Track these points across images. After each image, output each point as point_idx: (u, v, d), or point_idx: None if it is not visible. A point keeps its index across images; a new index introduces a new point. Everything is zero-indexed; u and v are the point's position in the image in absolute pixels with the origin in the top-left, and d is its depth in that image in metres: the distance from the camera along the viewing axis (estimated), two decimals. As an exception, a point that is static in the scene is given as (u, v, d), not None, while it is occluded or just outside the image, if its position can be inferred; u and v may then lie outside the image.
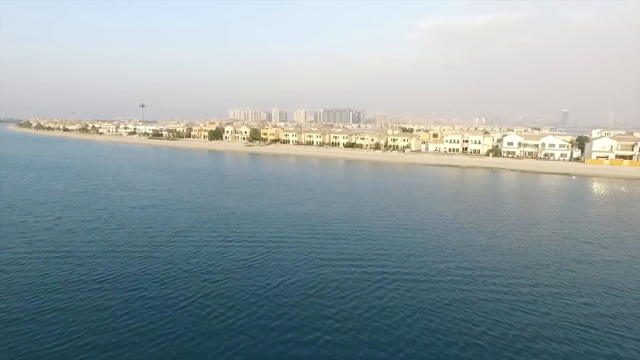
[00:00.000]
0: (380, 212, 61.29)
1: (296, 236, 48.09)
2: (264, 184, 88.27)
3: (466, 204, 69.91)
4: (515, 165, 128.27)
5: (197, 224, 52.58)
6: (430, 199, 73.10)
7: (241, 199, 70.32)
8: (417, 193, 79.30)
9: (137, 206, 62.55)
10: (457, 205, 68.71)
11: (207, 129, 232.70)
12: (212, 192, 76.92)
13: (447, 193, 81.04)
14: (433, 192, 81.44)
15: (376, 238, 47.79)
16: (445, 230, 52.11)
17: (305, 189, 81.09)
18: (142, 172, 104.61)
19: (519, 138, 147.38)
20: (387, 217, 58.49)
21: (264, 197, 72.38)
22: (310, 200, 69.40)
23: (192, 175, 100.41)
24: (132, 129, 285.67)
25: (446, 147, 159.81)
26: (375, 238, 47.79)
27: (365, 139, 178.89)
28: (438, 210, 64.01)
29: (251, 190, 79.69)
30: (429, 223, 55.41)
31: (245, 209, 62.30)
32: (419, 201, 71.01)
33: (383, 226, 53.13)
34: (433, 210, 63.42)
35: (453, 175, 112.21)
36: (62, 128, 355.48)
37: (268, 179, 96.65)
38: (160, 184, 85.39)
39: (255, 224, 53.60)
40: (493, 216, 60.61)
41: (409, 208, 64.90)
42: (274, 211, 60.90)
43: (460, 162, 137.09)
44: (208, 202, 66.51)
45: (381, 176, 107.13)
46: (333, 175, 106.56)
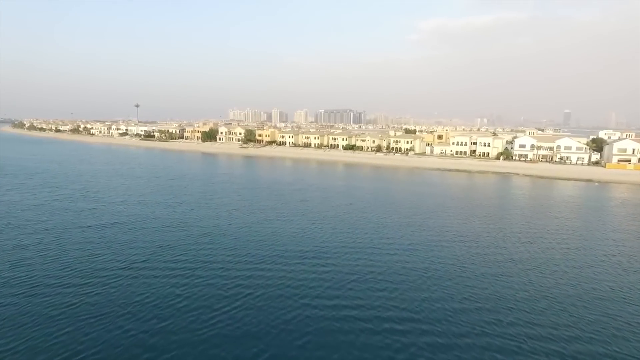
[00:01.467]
0: (385, 232, 50.99)
1: (281, 268, 37.83)
2: (252, 194, 78.00)
3: (484, 220, 59.56)
4: (529, 169, 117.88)
5: (159, 251, 42.30)
6: (441, 213, 62.79)
7: (222, 214, 60.05)
8: (426, 205, 69.02)
9: (94, 225, 52.23)
10: (474, 222, 58.35)
11: (200, 129, 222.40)
12: (191, 204, 66.68)
13: (460, 205, 70.72)
14: (443, 203, 71.13)
15: (382, 272, 37.49)
16: (466, 258, 41.80)
17: (298, 201, 70.82)
18: (119, 179, 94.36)
19: (532, 140, 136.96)
20: (395, 239, 48.19)
21: (249, 211, 62.12)
22: (304, 216, 59.11)
23: (174, 182, 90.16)
24: (124, 129, 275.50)
25: (453, 150, 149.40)
26: (381, 272, 37.50)
27: (366, 140, 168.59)
28: (452, 229, 53.67)
29: (236, 201, 69.45)
30: (445, 247, 45.12)
31: (224, 228, 52.03)
32: (428, 216, 60.69)
33: (389, 253, 42.85)
34: (446, 229, 53.10)
35: (463, 182, 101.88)
36: (54, 129, 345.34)
37: (258, 187, 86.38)
38: (135, 193, 75.14)
39: (232, 249, 43.36)
40: (520, 236, 50.23)
41: (418, 226, 54.59)
42: (259, 231, 50.63)
43: (469, 166, 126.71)
44: (182, 219, 56.24)
45: (384, 184, 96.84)
46: (331, 182, 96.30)
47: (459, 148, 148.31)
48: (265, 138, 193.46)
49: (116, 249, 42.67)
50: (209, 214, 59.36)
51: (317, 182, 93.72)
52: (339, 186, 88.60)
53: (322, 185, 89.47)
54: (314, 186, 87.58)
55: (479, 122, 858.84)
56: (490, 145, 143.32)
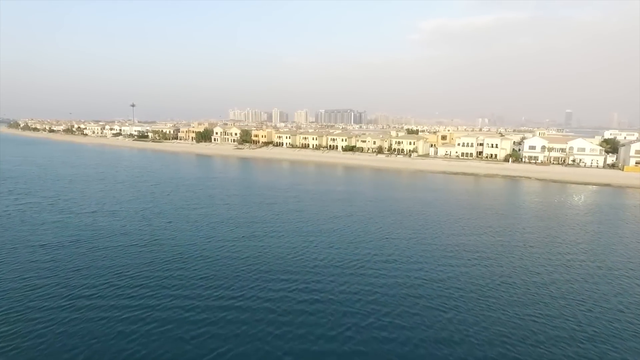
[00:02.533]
0: (389, 252, 43.35)
1: (264, 306, 30.23)
2: (242, 202, 70.37)
3: (500, 233, 51.90)
4: (541, 173, 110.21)
5: (115, 280, 34.69)
6: (451, 226, 55.11)
7: (203, 228, 52.41)
8: (433, 216, 61.37)
9: (49, 243, 44.58)
10: (489, 236, 50.67)
11: (195, 130, 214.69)
12: (170, 215, 59.05)
13: (471, 216, 63.06)
14: (453, 214, 63.50)
15: (386, 306, 29.88)
16: (486, 283, 34.14)
17: (292, 211, 63.18)
18: (99, 184, 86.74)
19: (543, 141, 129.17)
20: (401, 260, 40.57)
21: (235, 224, 54.49)
22: (297, 231, 51.47)
23: (157, 188, 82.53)
24: (118, 130, 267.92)
25: (458, 151, 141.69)
26: (385, 306, 29.89)
27: (366, 141, 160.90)
28: (465, 245, 46.02)
29: (222, 212, 61.83)
30: (460, 271, 37.45)
31: (201, 247, 44.42)
32: (437, 230, 53.04)
33: (395, 279, 35.21)
34: (459, 247, 45.44)
35: (471, 188, 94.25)
36: (47, 129, 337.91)
37: (249, 193, 78.77)
38: (110, 202, 67.54)
39: (206, 277, 35.78)
40: (544, 254, 42.57)
41: (427, 243, 46.96)
42: (242, 252, 43.02)
43: (476, 169, 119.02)
44: (155, 235, 48.64)
45: (386, 190, 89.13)
46: (329, 188, 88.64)
47: (465, 149, 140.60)
48: (262, 139, 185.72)
49: (63, 278, 35.02)
50: (187, 229, 51.70)
51: (314, 188, 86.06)
52: (337, 193, 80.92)
53: (319, 191, 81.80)
54: (311, 193, 79.93)
55: (480, 122, 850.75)
56: (498, 146, 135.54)
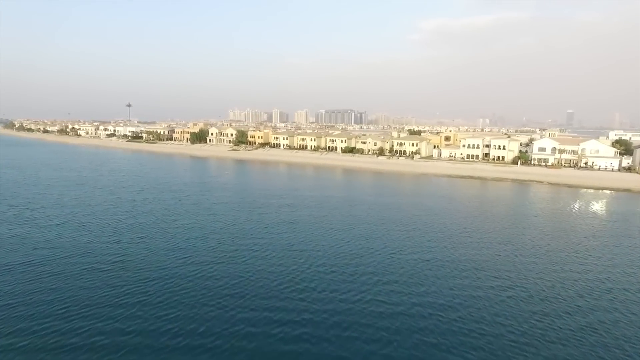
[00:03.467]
0: (397, 274, 36.63)
1: (240, 347, 23.59)
2: (229, 212, 63.65)
3: (519, 250, 45.17)
4: (554, 176, 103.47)
5: (66, 316, 28.01)
6: (464, 239, 48.41)
7: (179, 244, 45.72)
8: (444, 227, 54.66)
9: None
10: (507, 254, 43.95)
11: (189, 130, 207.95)
12: (146, 229, 52.36)
13: (485, 228, 56.35)
14: (464, 225, 56.77)
15: (393, 344, 23.20)
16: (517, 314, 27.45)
17: (285, 222, 56.48)
18: (77, 190, 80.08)
19: (554, 143, 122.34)
20: (411, 286, 33.85)
21: (217, 239, 47.81)
22: (288, 249, 44.79)
23: (139, 195, 75.88)
24: (112, 130, 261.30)
25: (463, 153, 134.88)
26: (391, 344, 23.22)
27: (367, 142, 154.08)
28: (486, 266, 39.30)
29: (205, 224, 55.16)
30: (479, 295, 30.74)
31: (172, 271, 37.73)
32: (450, 245, 46.33)
33: (401, 308, 28.50)
34: (477, 267, 38.74)
35: (480, 193, 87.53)
36: (42, 129, 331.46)
37: (239, 200, 72.09)
38: (83, 212, 60.86)
39: (173, 309, 29.12)
40: (574, 276, 35.86)
41: (440, 262, 40.25)
42: (219, 276, 36.36)
43: (483, 172, 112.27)
44: (123, 253, 41.96)
45: (389, 195, 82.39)
46: (327, 194, 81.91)
47: (470, 151, 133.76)
48: (258, 139, 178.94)
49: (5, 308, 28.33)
50: (160, 247, 44.93)
51: (311, 194, 79.31)
52: (335, 200, 74.14)
53: (315, 198, 75.07)
54: (307, 200, 73.21)
55: (481, 122, 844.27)
56: (506, 148, 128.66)
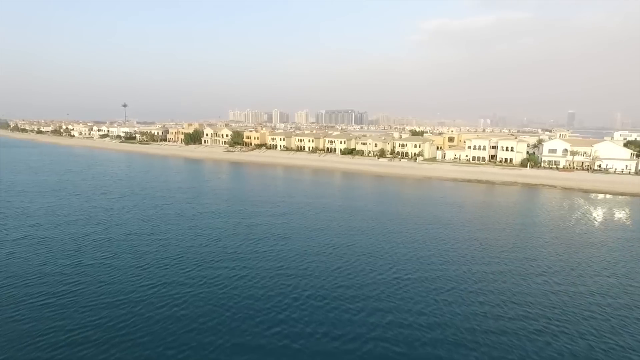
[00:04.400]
0: (407, 302, 29.78)
1: None
2: (214, 222, 56.87)
3: (546, 268, 38.27)
4: (567, 180, 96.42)
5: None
6: (480, 257, 41.54)
7: (148, 266, 38.93)
8: (456, 243, 47.81)
9: None
10: (531, 279, 37.07)
11: (183, 131, 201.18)
12: (113, 245, 45.61)
13: (502, 242, 49.51)
14: (479, 238, 49.93)
15: None
16: None
17: (275, 238, 49.66)
18: (51, 196, 73.35)
19: (565, 144, 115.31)
20: (422, 314, 27.01)
21: (195, 260, 40.99)
22: (279, 270, 37.98)
23: (118, 203, 69.17)
24: (106, 131, 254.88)
25: (468, 155, 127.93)
26: None
27: (367, 144, 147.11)
28: (506, 291, 32.43)
29: (185, 238, 48.41)
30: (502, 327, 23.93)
31: (142, 296, 30.97)
32: (466, 265, 39.46)
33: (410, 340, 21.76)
34: (495, 291, 31.88)
35: (490, 199, 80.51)
36: (36, 130, 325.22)
37: (228, 209, 65.28)
38: (47, 224, 54.06)
39: (135, 343, 22.36)
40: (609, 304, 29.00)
41: (458, 289, 33.38)
42: (194, 304, 29.56)
43: (491, 175, 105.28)
44: (82, 278, 35.20)
45: (392, 203, 75.47)
46: (324, 201, 75.11)
47: (476, 153, 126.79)
48: (254, 140, 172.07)
49: None
50: (128, 271, 38.08)
51: (306, 202, 72.49)
52: (334, 209, 67.18)
53: (312, 207, 68.21)
54: (302, 209, 66.35)
55: (482, 122, 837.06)
56: (514, 149, 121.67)
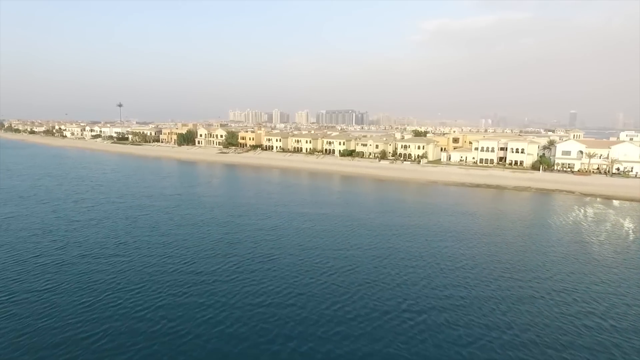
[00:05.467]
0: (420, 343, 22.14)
1: None
2: (192, 238, 49.30)
3: (583, 292, 30.55)
4: (585, 185, 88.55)
5: None
6: (506, 282, 33.79)
7: (105, 293, 31.25)
8: (473, 261, 40.07)
9: None
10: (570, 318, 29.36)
11: (176, 131, 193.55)
12: (68, 268, 38.01)
13: (529, 262, 41.79)
14: (501, 257, 42.19)
15: None
16: None
17: (261, 259, 42.00)
18: (14, 204, 65.85)
19: (580, 145, 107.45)
20: None
21: (159, 288, 33.31)
22: (261, 307, 30.31)
23: (88, 214, 61.66)
24: (98, 131, 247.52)
25: (475, 157, 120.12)
26: None
27: (368, 145, 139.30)
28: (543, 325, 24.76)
29: (153, 260, 40.87)
30: None
31: (90, 341, 23.28)
32: (486, 292, 31.73)
33: None
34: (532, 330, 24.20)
35: (505, 207, 72.71)
36: (28, 130, 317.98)
37: (210, 221, 57.66)
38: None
39: None
40: None
41: (477, 325, 25.68)
42: (153, 344, 21.86)
43: (501, 179, 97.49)
44: (20, 310, 27.55)
45: (397, 213, 67.66)
46: (320, 211, 67.49)
47: (484, 155, 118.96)
48: (249, 141, 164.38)
49: None
50: (76, 301, 30.41)
51: (301, 212, 64.82)
52: (331, 221, 59.39)
53: (306, 218, 60.50)
54: (295, 221, 58.65)
55: (484, 122, 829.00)
56: (525, 151, 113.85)
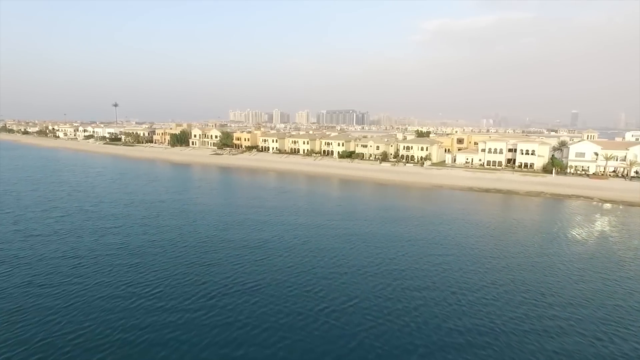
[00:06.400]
0: None
1: None
2: (162, 259, 42.40)
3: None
4: (604, 191, 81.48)
5: None
6: (535, 311, 26.89)
7: (48, 328, 24.32)
8: (492, 282, 33.06)
9: None
10: None
11: (170, 132, 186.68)
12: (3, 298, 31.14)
13: (558, 285, 34.78)
14: (524, 277, 35.19)
15: None
16: None
17: (243, 290, 35.09)
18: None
19: (595, 146, 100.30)
20: None
21: (110, 325, 26.41)
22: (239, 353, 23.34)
23: (52, 226, 54.81)
24: (91, 131, 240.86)
25: (482, 159, 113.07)
26: None
27: (368, 146, 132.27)
28: None
29: (114, 286, 33.93)
30: None
31: None
32: (513, 323, 24.83)
33: None
34: None
35: (521, 215, 65.57)
36: (22, 131, 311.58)
37: (188, 235, 50.79)
38: None
39: None
40: None
41: None
42: None
43: (512, 184, 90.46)
44: None
45: (403, 224, 60.58)
46: (317, 223, 60.56)
47: (492, 157, 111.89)
48: (244, 142, 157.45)
49: None
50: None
51: (294, 223, 57.88)
52: (328, 236, 52.41)
53: (300, 231, 53.62)
54: (287, 236, 51.70)
55: (485, 122, 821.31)
56: (535, 153, 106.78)
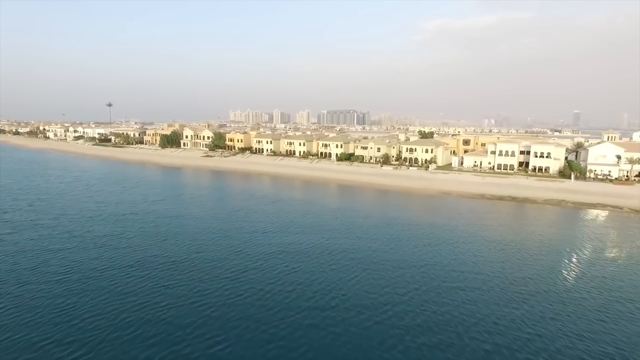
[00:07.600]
0: None
1: None
2: (113, 298, 33.75)
3: None
4: (633, 199, 72.66)
5: None
6: None
7: None
8: (522, 318, 24.37)
9: None
10: None
11: (160, 132, 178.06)
12: None
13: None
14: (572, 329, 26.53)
15: None
16: None
17: (220, 326, 26.35)
18: None
19: (617, 149, 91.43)
20: None
21: None
22: None
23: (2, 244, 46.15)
24: (81, 132, 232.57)
25: (492, 162, 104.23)
26: None
27: (368, 148, 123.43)
28: None
29: (47, 333, 25.16)
30: None
31: None
32: None
33: None
34: None
35: (545, 229, 56.65)
36: (13, 131, 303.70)
37: (150, 268, 42.18)
38: None
39: None
40: None
41: None
42: None
43: (527, 190, 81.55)
44: None
45: (409, 243, 51.85)
46: (310, 241, 51.88)
47: (503, 160, 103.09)
48: (237, 143, 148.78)
49: None
50: None
51: (282, 245, 49.18)
52: (322, 258, 43.81)
53: (287, 256, 44.96)
54: (275, 259, 43.08)
55: (486, 122, 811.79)
56: (551, 155, 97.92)
